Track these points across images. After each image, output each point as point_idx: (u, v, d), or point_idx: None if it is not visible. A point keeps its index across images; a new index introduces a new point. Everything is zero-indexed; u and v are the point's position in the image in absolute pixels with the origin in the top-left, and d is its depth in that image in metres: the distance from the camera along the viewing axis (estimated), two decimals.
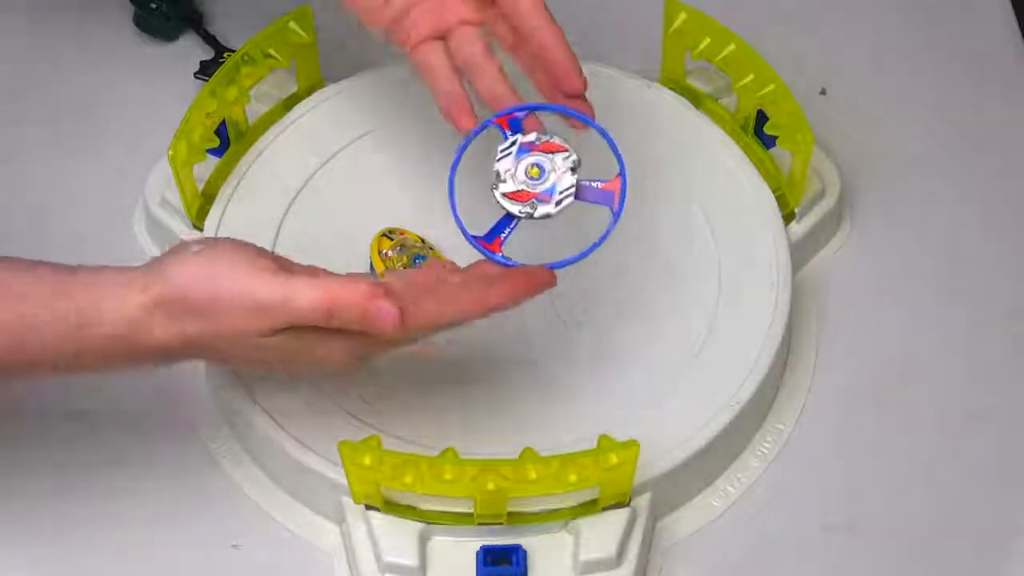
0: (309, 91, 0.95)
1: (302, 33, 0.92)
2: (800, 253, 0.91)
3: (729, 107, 0.94)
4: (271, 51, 0.91)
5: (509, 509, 0.79)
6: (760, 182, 0.91)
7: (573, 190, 0.78)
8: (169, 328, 0.72)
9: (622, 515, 0.80)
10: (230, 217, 0.90)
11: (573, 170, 0.78)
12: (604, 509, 0.80)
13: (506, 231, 0.78)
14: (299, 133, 0.93)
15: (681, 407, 0.83)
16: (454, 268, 0.79)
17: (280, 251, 0.88)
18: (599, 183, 0.79)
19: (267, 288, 0.72)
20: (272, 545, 0.83)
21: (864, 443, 0.87)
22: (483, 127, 0.80)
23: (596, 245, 0.78)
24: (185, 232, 0.90)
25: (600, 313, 0.87)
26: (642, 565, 0.81)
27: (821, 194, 0.92)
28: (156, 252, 0.92)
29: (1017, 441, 0.87)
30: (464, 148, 0.79)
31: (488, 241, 0.79)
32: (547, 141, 0.79)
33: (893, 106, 1.00)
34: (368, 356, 0.76)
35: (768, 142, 0.92)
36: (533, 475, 0.77)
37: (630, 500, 0.81)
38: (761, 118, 0.91)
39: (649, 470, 0.81)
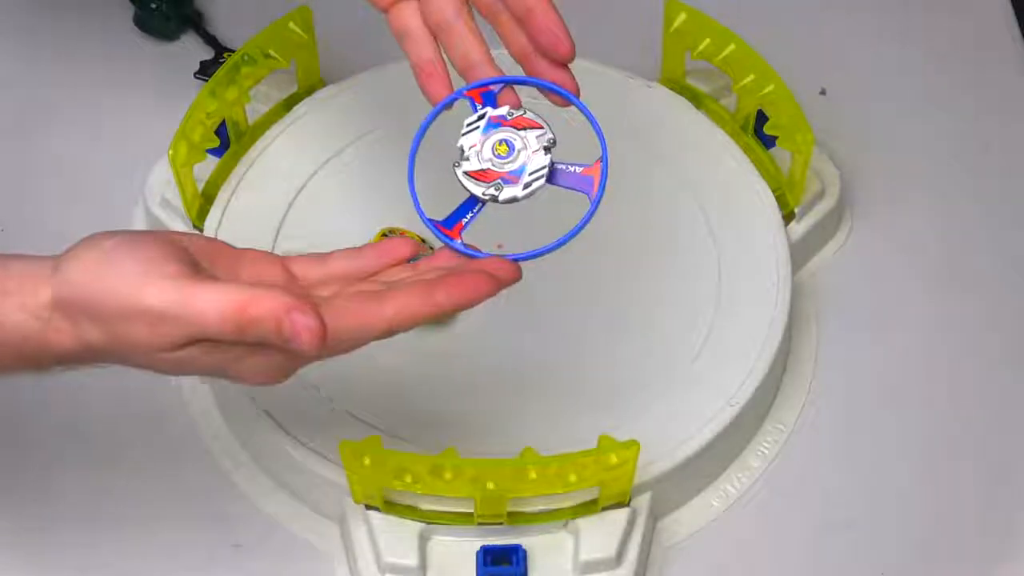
0: (309, 91, 0.95)
1: (302, 33, 0.92)
2: (800, 253, 0.91)
3: (729, 107, 0.94)
4: (271, 51, 0.91)
5: (509, 509, 0.79)
6: (760, 182, 0.91)
7: (545, 171, 0.71)
8: (67, 331, 0.64)
9: (622, 515, 0.80)
10: (230, 217, 0.90)
11: (547, 150, 0.71)
12: (604, 509, 0.80)
13: (468, 216, 0.71)
14: (299, 133, 0.94)
15: (681, 407, 0.83)
16: (402, 258, 0.70)
17: (280, 251, 0.88)
18: (577, 167, 0.71)
19: (159, 295, 0.62)
20: (272, 545, 0.83)
21: (864, 443, 0.87)
22: (452, 99, 0.73)
23: (569, 236, 0.70)
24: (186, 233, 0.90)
25: (600, 313, 0.87)
26: (642, 565, 0.81)
27: (821, 194, 0.92)
28: None
29: (1017, 441, 0.87)
30: (429, 121, 0.72)
31: (448, 226, 0.71)
32: (520, 116, 0.72)
33: (893, 106, 1.00)
34: (297, 369, 0.67)
35: (768, 142, 0.92)
36: (533, 475, 0.78)
37: (630, 500, 0.81)
38: (761, 118, 0.91)
39: (649, 470, 0.81)
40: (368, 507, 0.80)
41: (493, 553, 0.80)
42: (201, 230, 0.90)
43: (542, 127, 0.71)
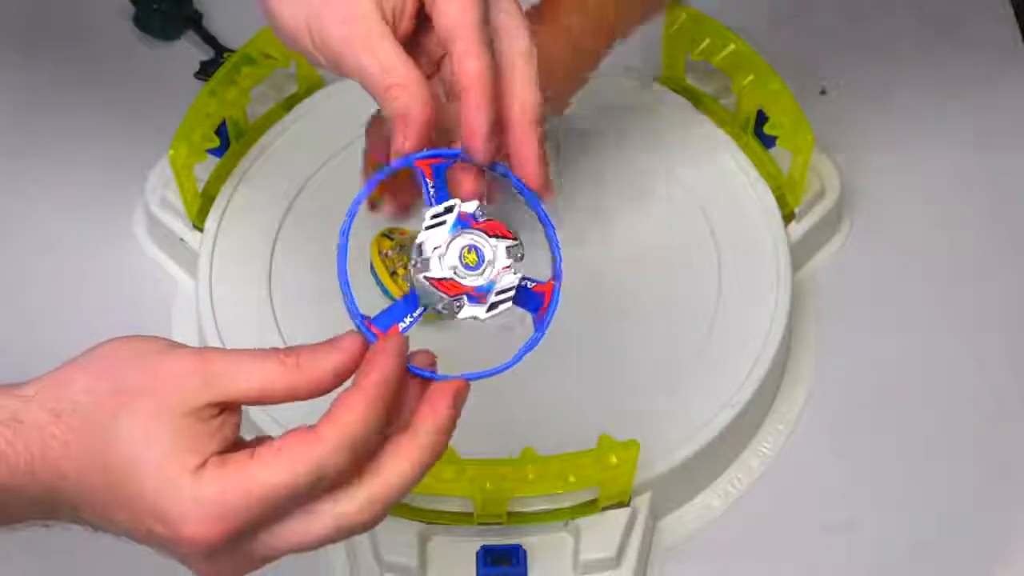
0: (309, 91, 0.95)
1: None
2: (800, 253, 0.91)
3: (729, 107, 0.94)
4: (271, 51, 0.91)
5: (509, 509, 0.79)
6: (760, 182, 0.91)
7: (513, 293, 0.61)
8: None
9: (622, 515, 0.80)
10: (230, 217, 0.90)
11: (516, 264, 0.61)
12: (604, 509, 0.80)
13: (407, 319, 0.60)
14: (299, 133, 0.94)
15: (681, 407, 0.83)
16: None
17: (280, 251, 0.89)
18: (531, 282, 0.62)
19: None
20: None
21: (864, 443, 0.87)
22: (396, 168, 0.61)
23: (509, 364, 0.62)
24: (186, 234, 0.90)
25: (600, 313, 0.87)
26: (642, 565, 0.81)
27: (821, 194, 0.92)
28: (156, 252, 0.93)
29: (1017, 441, 0.87)
30: (366, 193, 0.62)
31: (381, 327, 0.60)
32: (492, 220, 0.61)
33: (893, 106, 1.00)
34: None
35: (768, 142, 0.92)
36: (533, 475, 0.78)
37: (630, 500, 0.81)
38: (761, 118, 0.91)
39: (649, 470, 0.81)
40: None
41: (493, 553, 0.80)
42: (201, 230, 0.90)
43: (515, 238, 0.61)
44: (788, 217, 0.91)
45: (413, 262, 0.60)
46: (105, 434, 0.58)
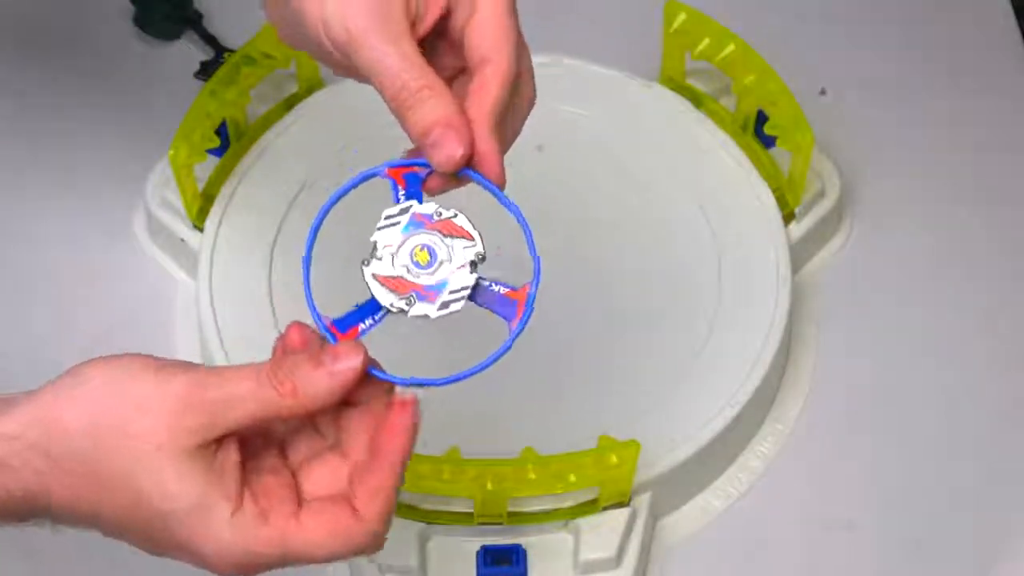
0: (309, 91, 0.95)
1: None
2: (800, 253, 0.91)
3: (729, 107, 0.94)
4: (271, 51, 0.91)
5: (509, 509, 0.79)
6: (760, 182, 0.91)
7: (467, 292, 0.61)
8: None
9: (622, 515, 0.80)
10: (230, 217, 0.90)
11: (474, 265, 0.61)
12: (604, 509, 0.80)
13: (367, 321, 0.61)
14: (299, 133, 0.93)
15: (681, 407, 0.83)
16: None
17: (280, 251, 0.89)
18: (503, 287, 0.61)
19: None
20: None
21: (864, 443, 0.87)
22: (366, 176, 0.63)
23: (474, 371, 0.61)
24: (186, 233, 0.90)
25: (600, 313, 0.87)
26: (642, 565, 0.81)
27: (821, 194, 0.92)
28: (156, 252, 0.93)
29: (1017, 441, 0.87)
30: (332, 203, 0.63)
31: (341, 328, 0.61)
32: (448, 219, 0.61)
33: (893, 106, 1.00)
34: None
35: (768, 142, 0.92)
36: (533, 475, 0.78)
37: (630, 500, 0.81)
38: (761, 118, 0.91)
39: (649, 470, 0.81)
40: None
41: (493, 553, 0.80)
42: (201, 230, 0.90)
43: (472, 238, 0.61)
44: (788, 217, 0.91)
45: (365, 260, 0.61)
46: (118, 482, 0.59)
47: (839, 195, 0.93)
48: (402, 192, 0.62)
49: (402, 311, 0.61)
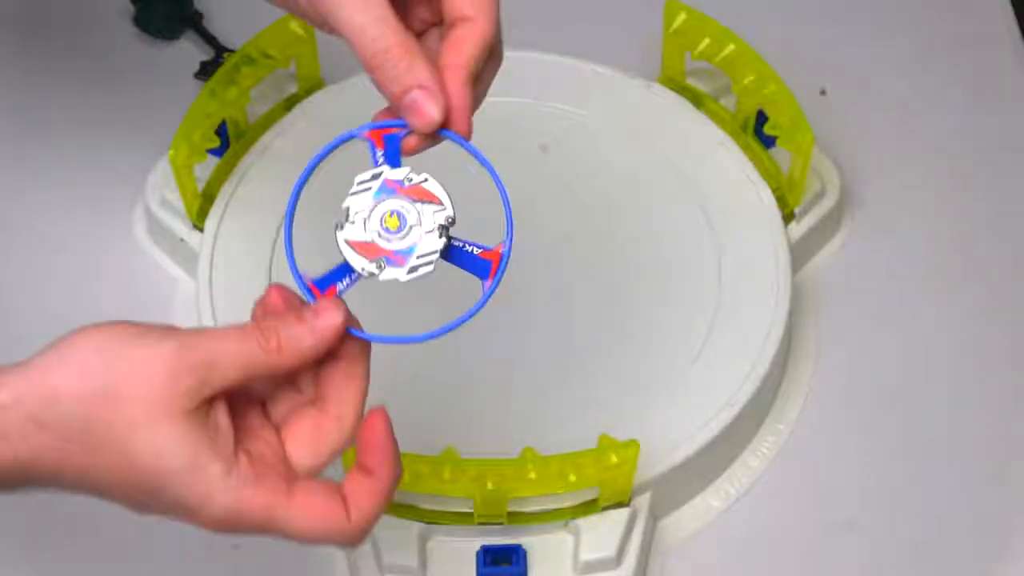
0: (309, 91, 0.95)
1: (302, 33, 0.92)
2: (800, 253, 0.91)
3: (729, 107, 0.94)
4: (271, 51, 0.91)
5: (509, 509, 0.79)
6: (760, 182, 0.91)
7: (436, 257, 0.62)
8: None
9: (622, 515, 0.80)
10: (230, 217, 0.90)
11: (444, 229, 0.62)
12: (604, 509, 0.80)
13: (344, 281, 0.63)
14: (299, 133, 0.93)
15: (681, 407, 0.83)
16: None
17: (280, 251, 0.88)
18: (476, 247, 0.62)
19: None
20: (272, 545, 0.83)
21: (864, 443, 0.87)
22: (344, 138, 0.65)
23: (446, 329, 0.62)
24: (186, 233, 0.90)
25: (600, 313, 0.87)
26: (642, 565, 0.81)
27: (821, 194, 0.92)
28: (156, 252, 0.93)
29: (1017, 440, 0.87)
30: (313, 165, 0.65)
31: (320, 287, 0.63)
32: (419, 184, 0.62)
33: (893, 106, 1.00)
34: None
35: (768, 142, 0.92)
36: (533, 475, 0.78)
37: (630, 500, 0.81)
38: (761, 118, 0.91)
39: (649, 470, 0.81)
40: None
41: (493, 553, 0.80)
42: (201, 230, 0.90)
43: (441, 203, 0.62)
44: (788, 217, 0.91)
45: (338, 224, 0.63)
46: (111, 446, 0.59)
47: (839, 195, 0.93)
48: (380, 153, 0.63)
49: (373, 275, 0.62)
